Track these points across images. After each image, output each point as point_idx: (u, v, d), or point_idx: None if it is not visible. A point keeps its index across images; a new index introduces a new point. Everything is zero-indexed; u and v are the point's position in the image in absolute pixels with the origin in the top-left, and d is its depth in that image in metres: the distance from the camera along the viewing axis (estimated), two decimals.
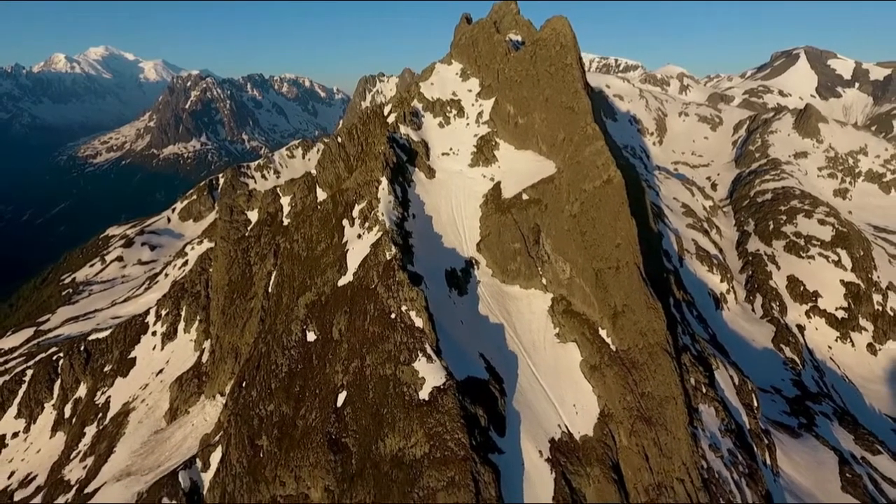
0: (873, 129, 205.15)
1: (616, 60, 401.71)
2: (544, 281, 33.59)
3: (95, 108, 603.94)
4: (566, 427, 27.78)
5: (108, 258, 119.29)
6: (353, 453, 23.62)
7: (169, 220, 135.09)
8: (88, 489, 36.89)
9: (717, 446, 38.60)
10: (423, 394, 23.34)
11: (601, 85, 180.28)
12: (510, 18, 60.56)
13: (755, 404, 49.55)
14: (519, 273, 33.71)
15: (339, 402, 25.08)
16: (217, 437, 30.67)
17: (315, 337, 28.44)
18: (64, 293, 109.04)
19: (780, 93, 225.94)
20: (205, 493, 28.22)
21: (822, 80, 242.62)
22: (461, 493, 21.28)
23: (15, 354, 70.87)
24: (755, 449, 44.66)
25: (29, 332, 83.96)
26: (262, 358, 29.85)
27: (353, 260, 30.05)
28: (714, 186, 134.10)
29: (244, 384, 30.21)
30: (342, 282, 29.53)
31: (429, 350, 24.70)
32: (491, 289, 33.06)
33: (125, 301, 79.83)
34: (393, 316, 26.01)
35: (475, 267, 34.14)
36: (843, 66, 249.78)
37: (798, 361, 74.71)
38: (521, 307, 32.30)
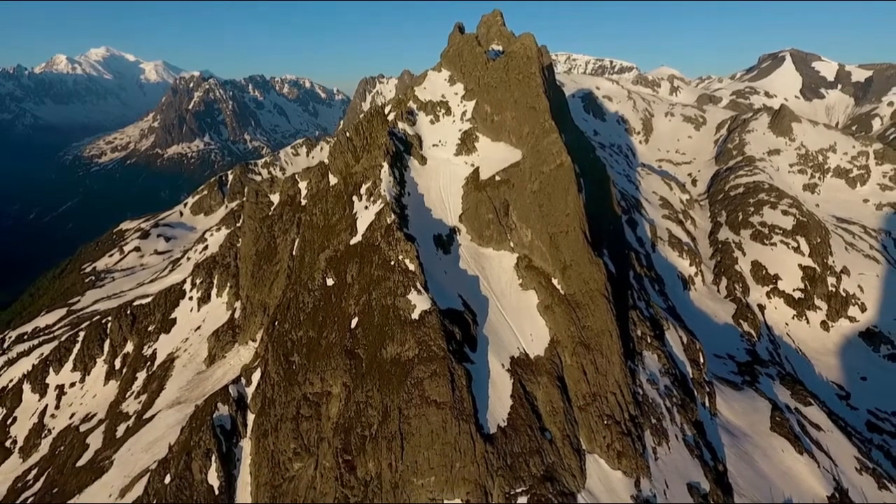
0: (854, 128, 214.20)
1: (611, 62, 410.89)
2: (511, 244, 42.59)
3: (97, 109, 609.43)
4: (524, 349, 36.65)
5: (126, 249, 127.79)
6: (363, 359, 32.44)
7: (181, 213, 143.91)
8: (146, 416, 45.67)
9: (654, 381, 47.40)
10: (415, 315, 32.18)
11: (591, 87, 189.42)
12: (495, 29, 69.57)
13: (701, 360, 58.27)
14: (492, 238, 42.75)
15: (353, 325, 33.96)
16: (256, 363, 39.44)
17: (333, 281, 37.28)
18: (87, 281, 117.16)
19: (766, 94, 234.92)
20: (249, 400, 37.10)
21: (806, 81, 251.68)
22: (441, 381, 30.09)
23: (56, 327, 79.59)
24: (696, 394, 53.41)
25: (61, 311, 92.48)
26: (291, 301, 38.67)
27: (362, 225, 38.98)
28: (694, 182, 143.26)
29: (276, 322, 39.04)
30: (353, 241, 38.41)
31: (419, 286, 33.57)
32: (469, 250, 42.05)
33: (152, 282, 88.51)
34: (392, 263, 34.88)
35: (457, 233, 43.11)
36: (827, 68, 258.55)
37: (754, 334, 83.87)
38: (493, 264, 41.28)
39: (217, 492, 33.05)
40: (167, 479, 34.30)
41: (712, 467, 43.97)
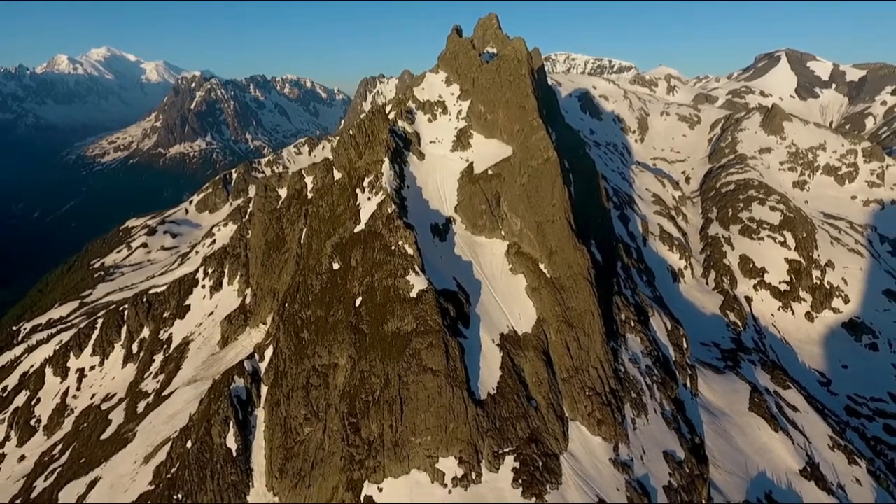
0: (847, 127, 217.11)
1: (610, 62, 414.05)
2: (503, 232, 46.23)
3: (98, 109, 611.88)
4: (513, 327, 40.21)
5: (134, 245, 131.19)
6: (366, 334, 35.99)
7: (187, 211, 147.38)
8: (164, 393, 49.24)
9: (636, 361, 50.84)
10: (413, 294, 35.73)
11: (588, 86, 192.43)
12: (491, 32, 73.13)
13: (684, 345, 61.59)
14: (485, 227, 46.40)
15: (357, 304, 37.52)
16: (268, 341, 43.00)
17: (339, 266, 40.86)
18: (96, 276, 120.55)
19: (762, 93, 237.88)
20: (262, 373, 40.67)
21: (801, 81, 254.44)
22: (436, 351, 33.65)
23: (71, 317, 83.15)
24: (677, 375, 56.76)
25: (74, 304, 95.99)
26: (300, 284, 42.24)
27: (365, 214, 42.54)
28: (688, 180, 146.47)
29: (287, 303, 42.59)
30: (357, 229, 41.98)
31: (417, 268, 37.14)
32: (464, 238, 45.67)
33: (161, 275, 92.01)
34: (392, 248, 38.45)
35: (453, 223, 46.74)
36: (822, 68, 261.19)
37: (740, 324, 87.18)
38: (485, 251, 44.90)
39: (235, 454, 36.62)
40: (188, 444, 37.89)
41: (689, 439, 47.37)
